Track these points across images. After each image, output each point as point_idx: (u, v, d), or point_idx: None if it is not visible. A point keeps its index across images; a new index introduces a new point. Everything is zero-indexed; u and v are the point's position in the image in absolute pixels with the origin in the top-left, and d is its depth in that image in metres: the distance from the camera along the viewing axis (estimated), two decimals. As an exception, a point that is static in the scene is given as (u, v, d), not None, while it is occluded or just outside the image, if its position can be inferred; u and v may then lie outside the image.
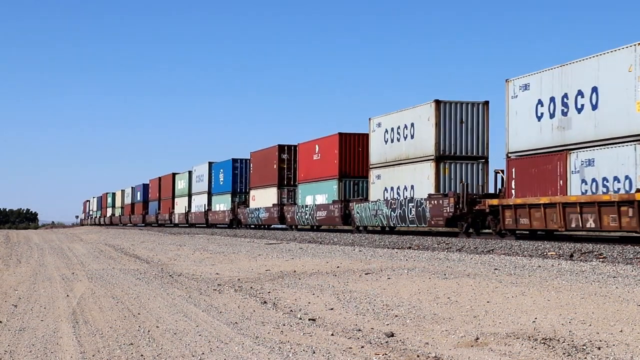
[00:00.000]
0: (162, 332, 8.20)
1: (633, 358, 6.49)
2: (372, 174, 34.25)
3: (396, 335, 7.75)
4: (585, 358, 6.56)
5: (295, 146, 44.68)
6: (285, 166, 45.53)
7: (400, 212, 30.85)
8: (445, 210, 27.70)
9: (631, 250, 17.73)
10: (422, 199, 29.34)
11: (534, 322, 8.11)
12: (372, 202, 33.63)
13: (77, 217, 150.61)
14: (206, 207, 59.41)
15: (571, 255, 17.46)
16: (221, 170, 56.92)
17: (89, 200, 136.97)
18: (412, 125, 31.04)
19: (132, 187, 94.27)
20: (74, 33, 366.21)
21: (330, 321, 8.74)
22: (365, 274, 13.50)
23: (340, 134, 37.67)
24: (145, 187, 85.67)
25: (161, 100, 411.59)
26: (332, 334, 7.90)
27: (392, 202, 31.49)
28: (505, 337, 7.44)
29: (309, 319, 8.86)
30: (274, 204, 45.59)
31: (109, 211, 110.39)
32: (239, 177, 54.39)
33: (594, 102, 21.27)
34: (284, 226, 46.49)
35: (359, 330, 8.12)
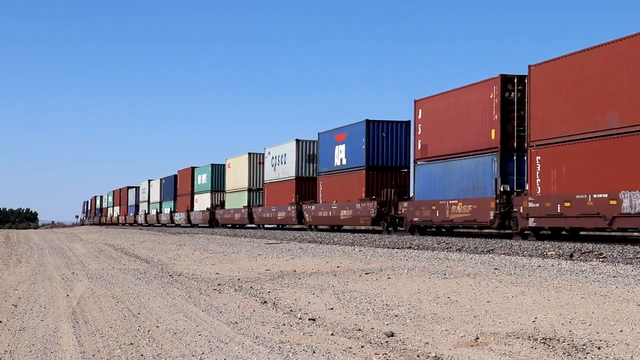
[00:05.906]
0: (162, 332, 8.20)
1: (633, 358, 6.49)
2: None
3: (396, 335, 7.75)
4: (585, 358, 6.56)
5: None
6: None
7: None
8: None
9: (631, 250, 17.74)
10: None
11: (534, 321, 8.11)
12: None
13: (77, 216, 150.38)
14: None
15: (571, 255, 17.47)
16: None
17: (122, 190, 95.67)
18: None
19: (250, 154, 50.15)
20: (73, 33, 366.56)
21: (330, 321, 8.74)
22: (365, 273, 13.50)
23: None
24: (327, 139, 39.09)
25: (161, 100, 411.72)
26: (332, 334, 7.90)
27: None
28: (505, 337, 7.44)
29: (309, 319, 8.86)
30: None
31: (185, 202, 64.01)
32: None
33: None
34: None
35: (359, 330, 8.12)
